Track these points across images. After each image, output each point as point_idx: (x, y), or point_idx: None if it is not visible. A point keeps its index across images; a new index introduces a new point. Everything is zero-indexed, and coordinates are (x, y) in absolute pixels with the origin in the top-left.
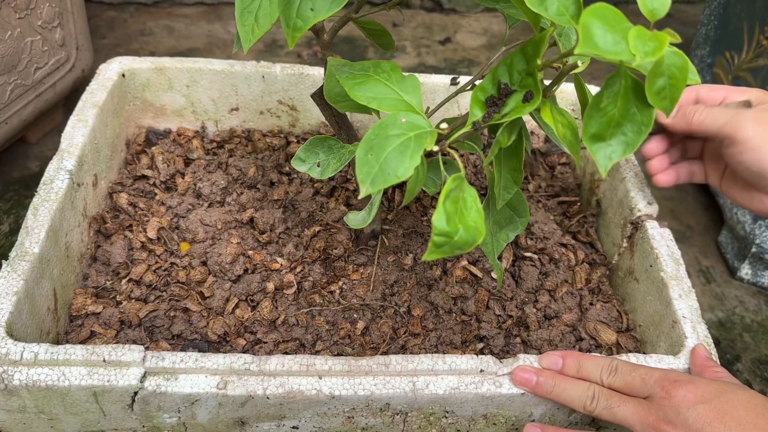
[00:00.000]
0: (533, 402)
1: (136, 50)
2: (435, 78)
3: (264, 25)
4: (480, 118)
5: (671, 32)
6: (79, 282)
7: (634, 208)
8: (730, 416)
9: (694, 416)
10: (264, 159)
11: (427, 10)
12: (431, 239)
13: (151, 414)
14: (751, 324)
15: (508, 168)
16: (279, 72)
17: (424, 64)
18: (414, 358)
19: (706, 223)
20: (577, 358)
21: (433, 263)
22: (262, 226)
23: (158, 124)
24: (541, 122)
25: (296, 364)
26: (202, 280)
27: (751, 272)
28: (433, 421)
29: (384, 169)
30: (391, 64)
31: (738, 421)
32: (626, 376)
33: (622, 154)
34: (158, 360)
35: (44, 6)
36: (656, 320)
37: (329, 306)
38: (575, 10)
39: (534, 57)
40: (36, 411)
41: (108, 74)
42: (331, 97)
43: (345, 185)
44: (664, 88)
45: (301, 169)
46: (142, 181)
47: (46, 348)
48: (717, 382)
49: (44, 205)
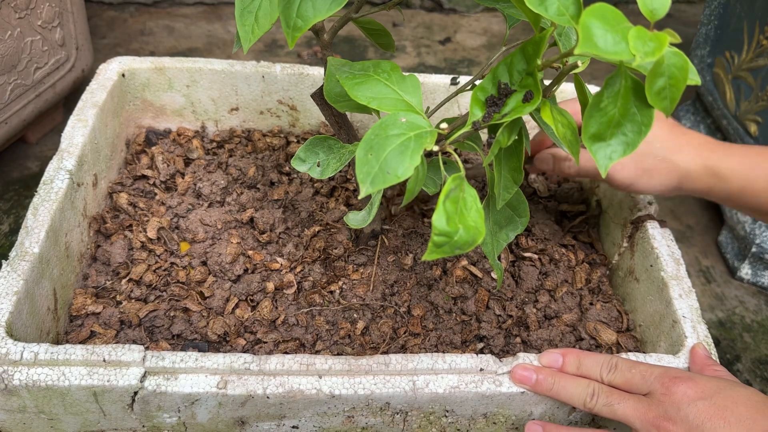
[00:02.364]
0: (533, 400)
1: (136, 50)
2: (435, 78)
3: (264, 25)
4: (480, 118)
5: (671, 32)
6: (79, 282)
7: (635, 208)
8: (730, 412)
9: (694, 412)
10: (264, 159)
11: (427, 10)
12: (431, 239)
13: (151, 414)
14: (751, 324)
15: (508, 168)
16: (279, 72)
17: (424, 64)
18: (414, 358)
19: (706, 223)
20: (577, 355)
21: (433, 263)
22: (262, 226)
23: (158, 124)
24: (541, 122)
25: (296, 364)
26: (202, 280)
27: (751, 272)
28: (433, 420)
29: (384, 169)
30: (391, 64)
31: (738, 417)
32: (626, 373)
33: (622, 154)
34: (158, 360)
35: (44, 6)
36: (656, 320)
37: (329, 306)
38: (575, 10)
39: (534, 57)
40: (36, 411)
41: (108, 74)
42: (331, 97)
43: (345, 185)
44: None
45: (301, 169)
46: (142, 181)
47: (46, 348)
48: (717, 379)
49: (44, 205)
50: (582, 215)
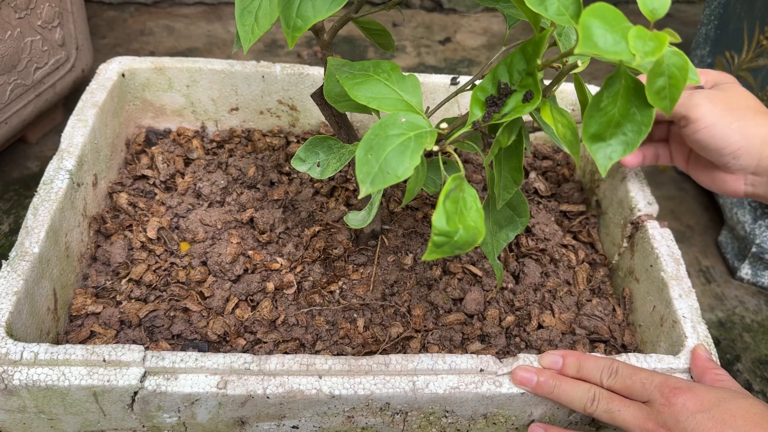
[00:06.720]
0: (533, 402)
1: (136, 50)
2: (435, 78)
3: (264, 25)
4: (480, 117)
5: (671, 32)
6: (79, 282)
7: (635, 208)
8: (729, 425)
9: (692, 425)
10: (264, 159)
11: (427, 10)
12: (431, 239)
13: (151, 414)
14: (751, 324)
15: (508, 168)
16: (279, 72)
17: (424, 64)
18: (414, 358)
19: (706, 223)
20: (577, 358)
21: (433, 263)
22: (262, 226)
23: (158, 123)
24: (541, 122)
25: (296, 364)
26: (202, 280)
27: (751, 272)
28: (433, 420)
29: (384, 168)
30: (391, 63)
31: (736, 430)
32: (626, 379)
33: (622, 153)
34: (158, 360)
35: (44, 6)
36: (656, 320)
37: (329, 306)
38: (575, 9)
39: (534, 57)
40: (36, 411)
41: (108, 74)
42: (331, 97)
43: (345, 185)
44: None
45: (301, 169)
46: (142, 181)
47: (46, 348)
48: (717, 390)
49: (44, 205)
50: (582, 215)
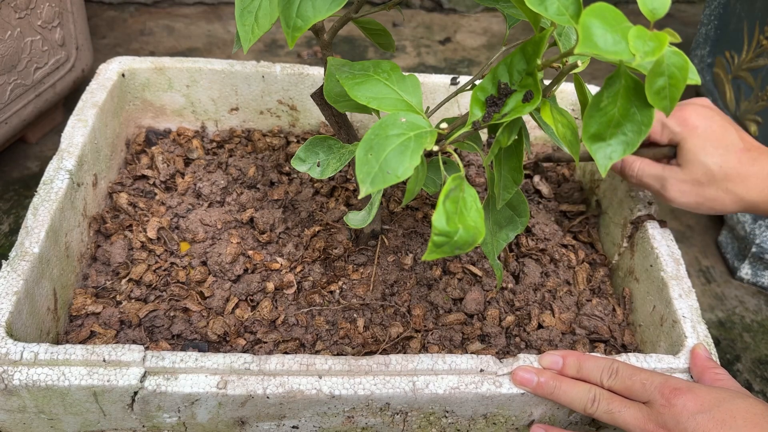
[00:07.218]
0: (533, 402)
1: (136, 50)
2: (435, 78)
3: (264, 25)
4: (480, 117)
5: (671, 32)
6: (79, 282)
7: (634, 208)
8: (729, 426)
9: (693, 426)
10: (264, 159)
11: (427, 10)
12: (431, 239)
13: (151, 414)
14: (751, 324)
15: (508, 168)
16: (279, 72)
17: (424, 64)
18: (414, 358)
19: (706, 223)
20: (577, 358)
21: (433, 263)
22: (262, 226)
23: (158, 123)
24: (541, 122)
25: (296, 364)
26: (202, 280)
27: (751, 272)
28: (433, 420)
29: (384, 168)
30: (391, 63)
31: (736, 430)
32: (627, 380)
33: (622, 153)
34: (158, 360)
35: (44, 6)
36: (656, 320)
37: (329, 306)
38: (575, 9)
39: (534, 57)
40: (36, 411)
41: (108, 74)
42: (331, 97)
43: (345, 185)
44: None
45: (301, 169)
46: (142, 181)
47: (46, 348)
48: (717, 390)
49: (44, 205)
50: (582, 215)
